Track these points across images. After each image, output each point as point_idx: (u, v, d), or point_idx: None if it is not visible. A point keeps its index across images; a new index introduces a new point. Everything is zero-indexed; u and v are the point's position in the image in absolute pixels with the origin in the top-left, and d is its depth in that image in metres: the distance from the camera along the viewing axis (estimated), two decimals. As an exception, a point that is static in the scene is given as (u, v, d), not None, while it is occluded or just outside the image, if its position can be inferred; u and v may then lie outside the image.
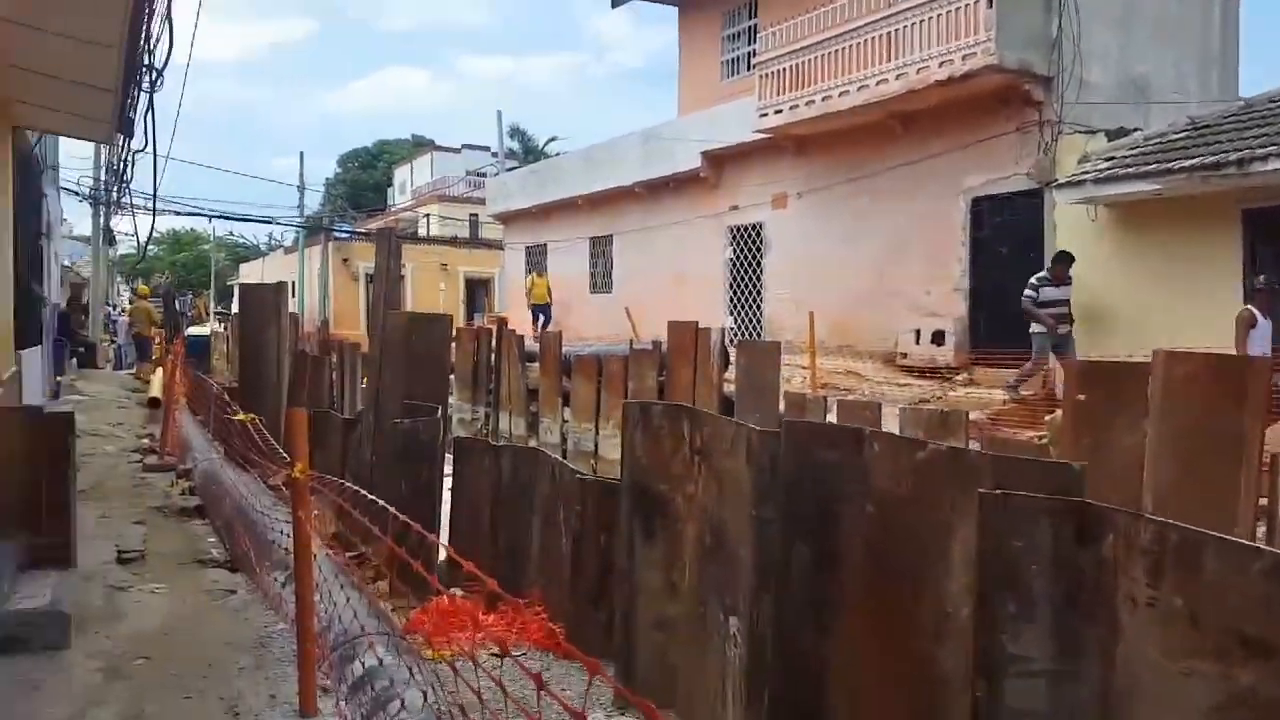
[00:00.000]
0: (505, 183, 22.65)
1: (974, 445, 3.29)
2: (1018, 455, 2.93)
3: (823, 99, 12.21)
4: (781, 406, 9.12)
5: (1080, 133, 10.55)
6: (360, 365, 14.38)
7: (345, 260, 30.99)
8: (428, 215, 37.44)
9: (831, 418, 8.43)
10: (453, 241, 33.59)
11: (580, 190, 18.66)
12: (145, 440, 10.81)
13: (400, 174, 48.41)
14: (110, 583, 5.31)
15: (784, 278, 14.15)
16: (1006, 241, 11.39)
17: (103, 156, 16.04)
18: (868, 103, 11.71)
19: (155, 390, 13.00)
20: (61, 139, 14.83)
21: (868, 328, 12.73)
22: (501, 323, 14.68)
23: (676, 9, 17.26)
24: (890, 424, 8.05)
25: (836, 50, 12.05)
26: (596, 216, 18.77)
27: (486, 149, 37.83)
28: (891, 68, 11.35)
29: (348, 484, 4.00)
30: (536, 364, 13.05)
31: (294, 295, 29.74)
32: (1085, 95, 10.72)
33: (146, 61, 5.92)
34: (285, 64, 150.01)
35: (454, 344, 8.34)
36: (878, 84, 11.54)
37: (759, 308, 14.73)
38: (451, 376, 8.14)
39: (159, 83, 6.27)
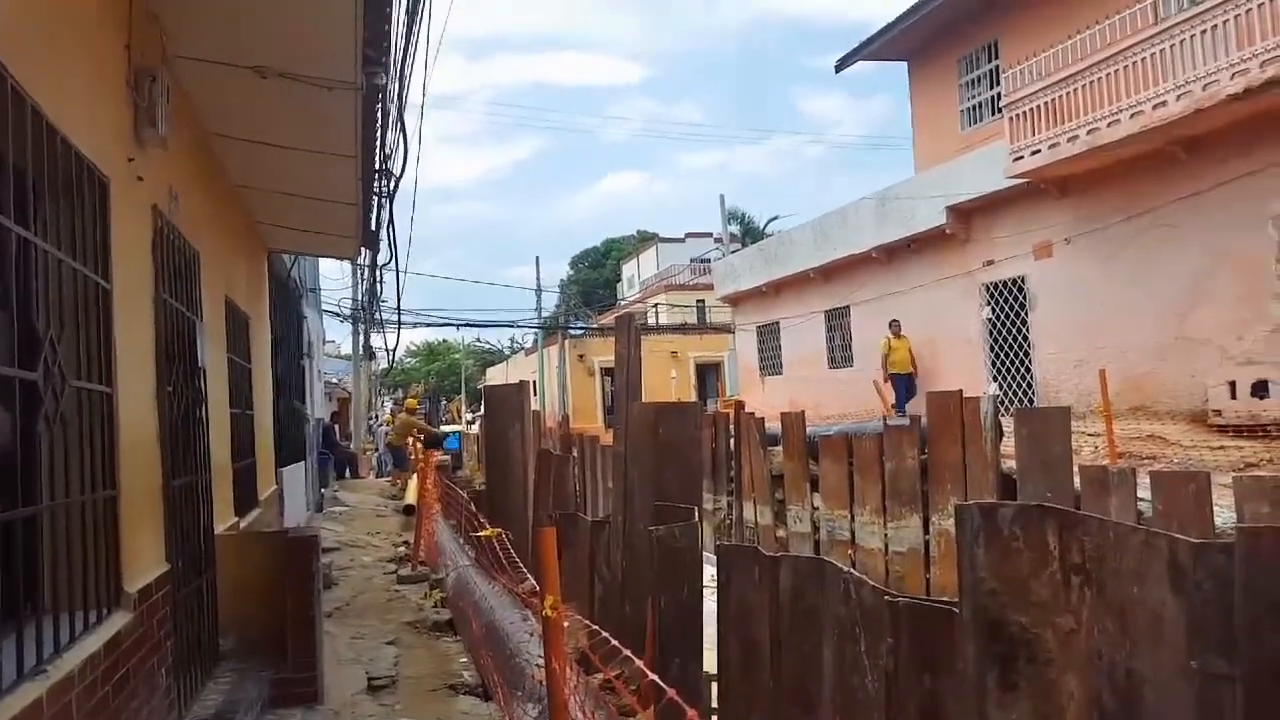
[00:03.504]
0: (733, 264, 22.27)
1: None
2: None
3: (1088, 132, 10.85)
4: (1077, 482, 7.75)
5: None
6: (601, 458, 14.17)
7: (581, 356, 31.92)
8: (656, 305, 37.93)
9: (1143, 493, 6.99)
10: (682, 328, 33.73)
11: (811, 263, 17.89)
12: (401, 548, 10.92)
13: (628, 269, 49.79)
14: (358, 718, 5.00)
15: (1056, 335, 12.56)
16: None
17: (359, 280, 17.16)
18: (1144, 129, 10.28)
19: (410, 498, 13.30)
20: (321, 265, 15.99)
21: (1167, 384, 10.95)
22: (738, 406, 13.97)
23: (906, 64, 16.38)
24: (1223, 497, 6.50)
25: (1099, 78, 10.74)
26: (830, 288, 17.86)
27: (709, 235, 38.09)
28: (1170, 88, 9.92)
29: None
30: (779, 448, 12.20)
31: (535, 394, 30.76)
32: None
33: (379, 166, 5.84)
34: (521, 180, 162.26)
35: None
36: (1154, 108, 10.11)
37: (1028, 370, 13.14)
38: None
39: (395, 188, 6.21)
